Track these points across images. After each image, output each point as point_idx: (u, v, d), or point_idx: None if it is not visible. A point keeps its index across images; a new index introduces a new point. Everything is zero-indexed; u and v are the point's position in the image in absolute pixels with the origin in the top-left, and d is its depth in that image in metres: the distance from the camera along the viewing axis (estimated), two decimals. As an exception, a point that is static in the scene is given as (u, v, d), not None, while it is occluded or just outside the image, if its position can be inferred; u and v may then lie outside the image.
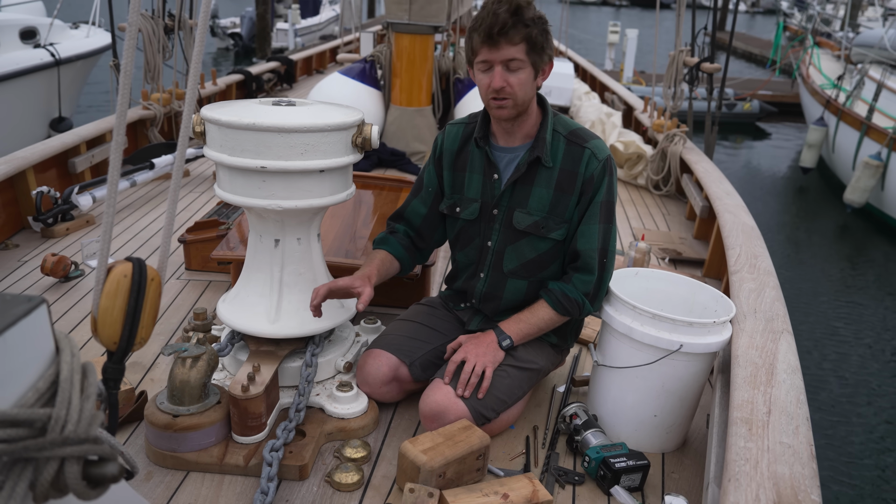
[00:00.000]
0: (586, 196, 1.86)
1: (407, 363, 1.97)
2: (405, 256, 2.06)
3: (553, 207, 1.88)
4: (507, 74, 1.76)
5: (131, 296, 1.17)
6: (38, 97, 7.64)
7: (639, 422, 1.91)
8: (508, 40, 1.72)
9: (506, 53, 1.73)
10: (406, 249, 2.07)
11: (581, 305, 1.90)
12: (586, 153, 1.85)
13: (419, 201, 2.07)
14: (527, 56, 1.75)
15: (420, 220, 2.07)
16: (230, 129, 1.75)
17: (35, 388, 0.76)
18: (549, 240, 1.91)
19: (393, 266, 2.03)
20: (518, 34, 1.71)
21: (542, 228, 1.90)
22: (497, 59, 1.74)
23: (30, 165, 3.36)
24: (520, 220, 1.91)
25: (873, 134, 8.69)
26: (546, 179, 1.87)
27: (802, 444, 1.38)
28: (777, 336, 1.82)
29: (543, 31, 1.75)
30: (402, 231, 2.09)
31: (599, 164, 1.85)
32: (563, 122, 1.91)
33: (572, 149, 1.87)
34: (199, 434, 1.72)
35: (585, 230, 1.88)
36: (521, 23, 1.71)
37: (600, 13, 39.08)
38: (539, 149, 1.86)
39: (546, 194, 1.88)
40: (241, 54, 18.89)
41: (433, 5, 4.57)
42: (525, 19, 1.72)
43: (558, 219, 1.89)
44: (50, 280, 2.78)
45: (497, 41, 1.72)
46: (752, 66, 20.84)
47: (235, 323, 1.95)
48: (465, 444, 1.69)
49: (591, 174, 1.84)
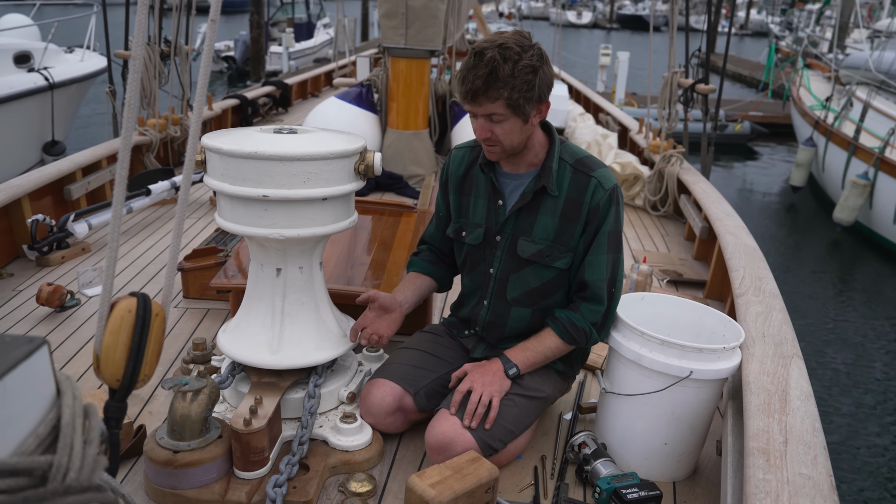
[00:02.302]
0: (592, 225, 1.84)
1: (412, 393, 1.94)
2: (435, 270, 2.11)
3: (558, 236, 1.86)
4: (490, 125, 1.74)
5: (135, 332, 1.14)
6: (31, 121, 7.63)
7: (649, 450, 1.88)
8: (486, 98, 1.69)
9: (486, 109, 1.71)
10: (433, 264, 2.11)
11: (588, 335, 1.88)
12: (592, 182, 1.83)
13: (433, 226, 2.13)
14: (507, 109, 1.71)
15: (438, 241, 2.12)
16: (232, 157, 1.72)
17: (36, 433, 0.73)
18: (553, 268, 1.89)
19: (425, 282, 2.09)
20: (494, 94, 1.67)
21: (547, 257, 1.87)
22: (478, 112, 1.73)
23: (25, 193, 3.33)
24: (524, 249, 1.89)
25: (860, 154, 8.80)
26: (551, 208, 1.85)
27: (822, 475, 1.35)
28: (788, 361, 1.80)
29: (525, 83, 1.67)
30: (426, 249, 2.15)
31: (606, 193, 1.83)
32: (570, 150, 1.89)
33: (578, 177, 1.84)
34: (201, 470, 1.67)
35: (594, 261, 1.85)
36: (497, 86, 1.65)
37: (591, 36, 39.53)
38: (545, 178, 1.84)
39: (551, 223, 1.86)
40: (235, 77, 18.96)
41: (429, 30, 4.60)
42: (501, 80, 1.65)
43: (563, 248, 1.87)
44: (45, 310, 2.74)
45: (474, 99, 1.70)
46: (742, 87, 21.08)
47: (236, 354, 1.91)
48: (474, 476, 1.65)
49: (598, 203, 1.82)
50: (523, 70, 1.66)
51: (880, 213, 8.42)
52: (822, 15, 17.06)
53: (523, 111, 1.72)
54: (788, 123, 13.56)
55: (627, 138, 5.97)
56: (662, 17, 34.06)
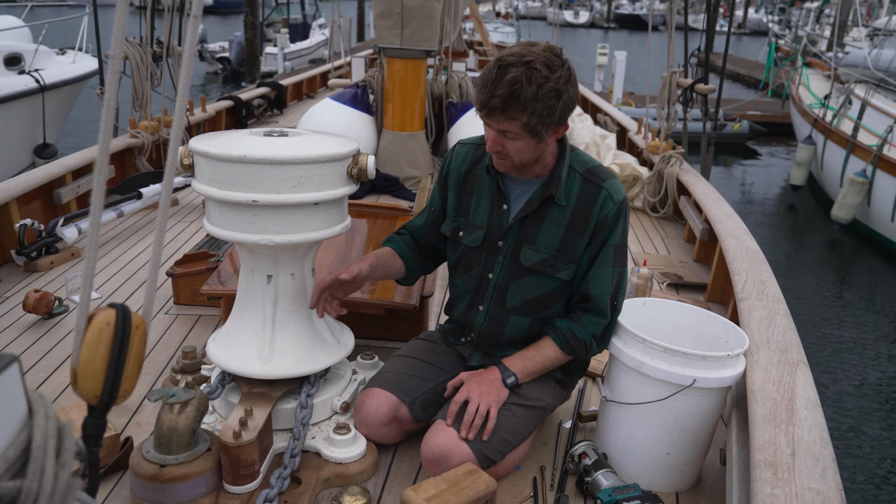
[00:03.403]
0: (598, 238, 1.78)
1: (407, 402, 1.88)
2: (409, 255, 2.01)
3: (563, 246, 1.81)
4: (503, 140, 1.67)
5: (114, 346, 1.08)
6: (22, 123, 7.57)
7: (651, 460, 1.83)
8: (505, 117, 1.61)
9: (501, 126, 1.64)
10: (411, 249, 2.02)
11: (588, 347, 1.83)
12: (602, 193, 1.77)
13: (421, 219, 2.05)
14: (523, 131, 1.63)
15: (421, 235, 2.03)
16: (220, 161, 1.67)
17: (4, 457, 0.69)
18: (555, 279, 1.83)
19: (395, 262, 1.97)
20: (513, 115, 1.59)
21: (550, 267, 1.82)
22: (493, 126, 1.66)
23: (13, 197, 3.27)
24: (527, 257, 1.83)
25: (858, 152, 8.78)
26: (558, 217, 1.80)
27: (832, 490, 1.30)
28: (793, 368, 1.75)
29: (547, 108, 1.58)
30: (407, 234, 2.06)
31: (615, 206, 1.77)
32: (580, 159, 1.83)
33: (588, 187, 1.78)
34: (188, 485, 1.61)
35: (599, 274, 1.80)
36: (516, 108, 1.57)
37: (589, 35, 39.51)
38: (553, 186, 1.78)
39: (556, 232, 1.80)
40: (230, 78, 18.89)
41: (425, 30, 4.54)
42: (521, 102, 1.56)
43: (567, 258, 1.81)
44: (32, 317, 2.67)
45: (490, 116, 1.63)
46: (740, 86, 21.05)
47: (226, 363, 1.85)
48: (471, 490, 1.60)
49: (606, 216, 1.77)
50: (546, 95, 1.57)
51: (878, 211, 8.39)
52: (822, 13, 17.03)
53: (539, 134, 1.65)
54: (787, 122, 13.54)
55: (626, 139, 5.93)
56: (660, 16, 34.07)
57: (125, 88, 4.90)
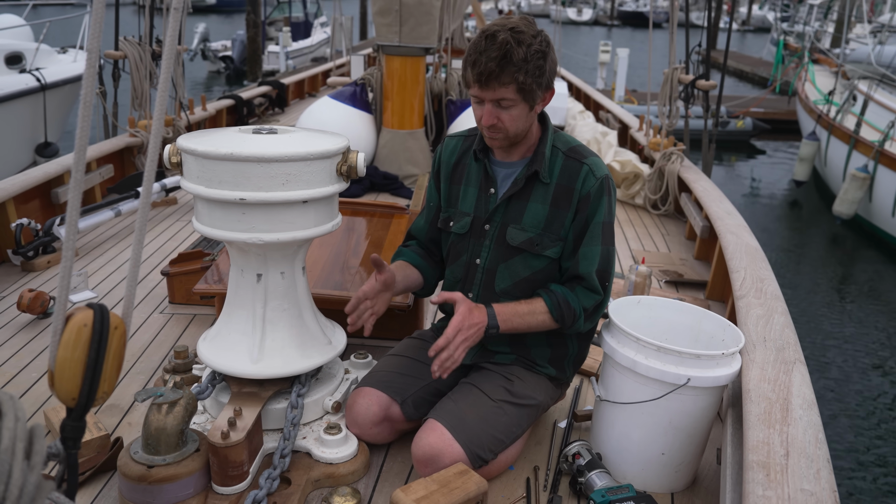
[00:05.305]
0: (582, 214, 1.79)
1: (399, 401, 1.86)
2: (423, 264, 1.99)
3: (548, 224, 1.80)
4: (498, 111, 1.71)
5: (91, 347, 1.06)
6: (23, 122, 7.57)
7: (645, 460, 1.81)
8: (499, 83, 1.65)
9: (496, 94, 1.67)
10: (422, 257, 2.01)
11: (576, 318, 1.80)
12: (584, 169, 1.78)
13: (421, 216, 2.04)
14: (518, 95, 1.67)
15: (428, 235, 2.02)
16: (207, 159, 1.65)
17: None
18: (543, 257, 1.82)
19: (410, 272, 1.95)
20: (507, 78, 1.64)
21: (537, 245, 1.81)
22: (488, 97, 1.69)
23: (10, 196, 3.26)
24: (513, 237, 1.82)
25: (861, 147, 8.76)
26: (542, 195, 1.81)
27: (825, 491, 1.28)
28: (790, 367, 1.72)
29: (537, 67, 1.66)
30: (414, 244, 2.05)
31: (597, 181, 1.77)
32: (563, 139, 1.85)
33: (570, 164, 1.80)
34: (176, 486, 1.60)
35: (588, 252, 1.79)
36: (510, 68, 1.63)
37: (592, 33, 39.38)
38: (537, 163, 1.80)
39: (541, 210, 1.80)
40: (233, 77, 18.88)
41: (424, 27, 4.52)
42: (514, 63, 1.62)
43: (553, 236, 1.81)
44: (27, 317, 2.67)
45: (487, 83, 1.66)
46: (744, 83, 20.95)
47: (216, 363, 1.84)
48: (462, 491, 1.58)
49: (588, 192, 1.77)
50: (535, 55, 1.65)
51: (880, 207, 8.35)
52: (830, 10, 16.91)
53: (532, 97, 1.70)
54: (791, 119, 13.46)
55: (628, 136, 5.89)
56: (663, 13, 33.93)
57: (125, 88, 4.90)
